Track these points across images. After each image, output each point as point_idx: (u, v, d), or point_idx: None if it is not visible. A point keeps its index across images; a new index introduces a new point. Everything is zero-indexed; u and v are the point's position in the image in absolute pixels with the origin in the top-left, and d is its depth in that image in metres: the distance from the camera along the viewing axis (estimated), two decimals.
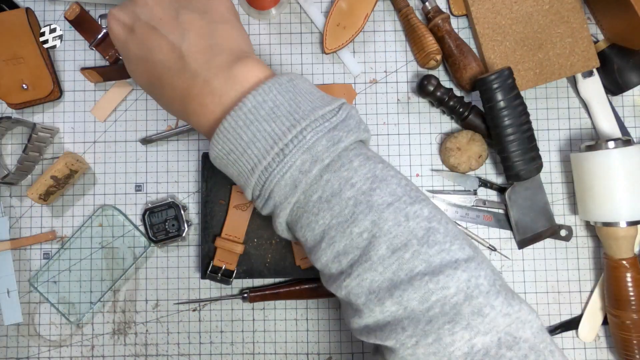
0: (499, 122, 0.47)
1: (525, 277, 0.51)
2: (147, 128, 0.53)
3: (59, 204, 0.53)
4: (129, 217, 0.52)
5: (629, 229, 0.47)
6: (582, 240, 0.52)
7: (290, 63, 0.53)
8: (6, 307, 0.52)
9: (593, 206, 0.47)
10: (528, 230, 0.51)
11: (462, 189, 0.52)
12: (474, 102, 0.52)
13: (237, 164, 0.32)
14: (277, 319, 0.51)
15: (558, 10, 0.50)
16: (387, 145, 0.53)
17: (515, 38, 0.51)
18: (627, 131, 0.52)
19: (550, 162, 0.52)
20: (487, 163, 0.52)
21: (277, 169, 0.30)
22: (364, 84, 0.53)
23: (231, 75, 0.32)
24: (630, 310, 0.47)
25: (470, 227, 0.52)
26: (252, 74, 0.32)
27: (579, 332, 0.50)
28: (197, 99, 0.32)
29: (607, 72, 0.51)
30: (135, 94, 0.54)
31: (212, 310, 0.52)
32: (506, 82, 0.47)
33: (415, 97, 0.53)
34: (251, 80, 0.32)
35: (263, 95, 0.31)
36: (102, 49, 0.53)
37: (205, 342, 0.52)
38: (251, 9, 0.53)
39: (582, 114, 0.53)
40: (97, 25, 0.53)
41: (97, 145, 0.53)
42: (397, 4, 0.52)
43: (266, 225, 0.50)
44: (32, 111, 0.54)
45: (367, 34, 0.53)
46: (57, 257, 0.52)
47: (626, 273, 0.47)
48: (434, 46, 0.50)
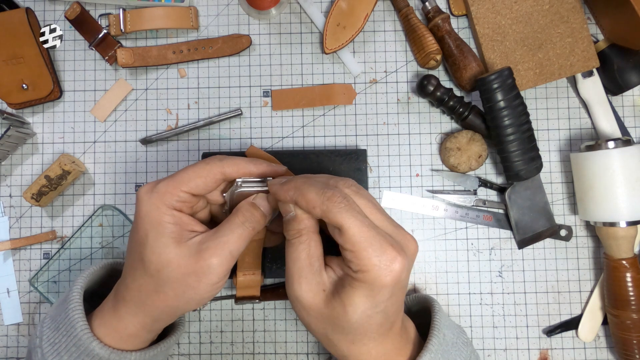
0: (499, 122, 0.47)
1: (525, 277, 0.51)
2: (147, 128, 0.53)
3: (58, 204, 0.53)
4: (129, 217, 0.52)
5: (629, 229, 0.47)
6: (582, 240, 0.52)
7: (290, 63, 0.53)
8: (6, 307, 0.52)
9: (593, 206, 0.47)
10: (528, 230, 0.51)
11: (462, 189, 0.52)
12: (474, 102, 0.52)
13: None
14: (277, 319, 0.51)
15: (558, 10, 0.50)
16: (387, 145, 0.53)
17: (515, 38, 0.51)
18: (627, 131, 0.52)
19: (550, 162, 0.52)
20: (487, 163, 0.52)
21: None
22: (364, 84, 0.53)
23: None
24: (630, 310, 0.47)
25: (470, 227, 0.52)
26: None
27: (579, 332, 0.50)
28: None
29: (607, 72, 0.51)
30: (135, 93, 0.54)
31: (212, 310, 0.52)
32: (506, 82, 0.47)
33: (415, 97, 0.53)
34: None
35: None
36: (102, 49, 0.53)
37: (205, 342, 0.52)
38: (251, 9, 0.53)
39: (582, 114, 0.53)
40: (97, 25, 0.53)
41: (97, 145, 0.53)
42: (397, 4, 0.52)
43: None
44: (32, 111, 0.54)
45: (367, 34, 0.53)
46: (57, 257, 0.52)
47: (626, 273, 0.47)
48: (434, 46, 0.50)
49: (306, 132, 0.53)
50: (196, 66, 0.54)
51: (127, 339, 0.38)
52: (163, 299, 0.36)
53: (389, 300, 0.33)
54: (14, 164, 0.53)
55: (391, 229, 0.34)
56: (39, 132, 0.53)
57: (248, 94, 0.53)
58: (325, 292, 0.34)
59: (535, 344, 0.51)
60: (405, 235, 0.35)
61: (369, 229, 0.32)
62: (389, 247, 0.32)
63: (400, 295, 0.34)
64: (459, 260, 0.52)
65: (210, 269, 0.34)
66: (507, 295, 0.51)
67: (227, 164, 0.38)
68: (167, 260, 0.34)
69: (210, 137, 0.53)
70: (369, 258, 0.31)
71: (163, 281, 0.35)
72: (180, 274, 0.34)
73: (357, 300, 0.32)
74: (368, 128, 0.53)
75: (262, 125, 0.53)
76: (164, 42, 0.54)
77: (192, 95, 0.53)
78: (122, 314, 0.37)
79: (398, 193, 0.52)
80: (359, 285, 0.32)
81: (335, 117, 0.53)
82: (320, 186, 0.34)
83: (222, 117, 0.52)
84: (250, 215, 0.37)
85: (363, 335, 0.34)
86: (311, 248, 0.35)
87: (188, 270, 0.34)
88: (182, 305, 0.36)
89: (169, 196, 0.36)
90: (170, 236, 0.35)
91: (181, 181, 0.36)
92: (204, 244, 0.35)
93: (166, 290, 0.35)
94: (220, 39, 0.53)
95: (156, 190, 0.36)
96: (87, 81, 0.54)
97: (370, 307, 0.32)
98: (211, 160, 0.38)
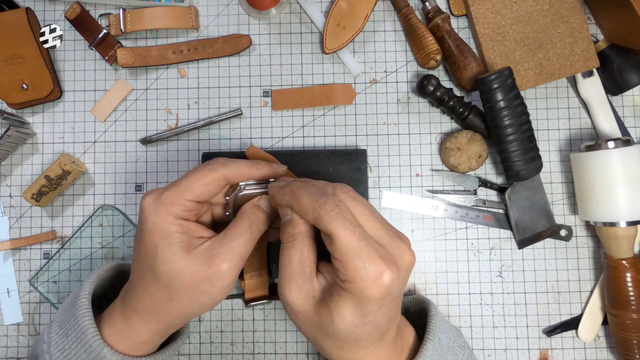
0: (499, 122, 0.47)
1: (525, 277, 0.51)
2: (147, 128, 0.53)
3: (58, 204, 0.53)
4: (129, 217, 0.52)
5: (629, 229, 0.47)
6: (582, 240, 0.52)
7: (290, 63, 0.53)
8: (6, 307, 0.52)
9: (593, 206, 0.47)
10: (528, 230, 0.51)
11: (462, 189, 0.52)
12: (474, 102, 0.52)
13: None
14: (277, 319, 0.51)
15: (558, 10, 0.50)
16: (387, 145, 0.53)
17: (515, 38, 0.51)
18: (627, 131, 0.52)
19: (550, 162, 0.52)
20: (487, 163, 0.52)
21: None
22: (364, 84, 0.53)
23: None
24: (630, 310, 0.47)
25: (470, 227, 0.52)
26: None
27: (579, 332, 0.50)
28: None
29: (607, 72, 0.51)
30: (135, 93, 0.54)
31: (212, 310, 0.52)
32: (506, 82, 0.47)
33: (415, 97, 0.53)
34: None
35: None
36: (102, 49, 0.53)
37: (205, 342, 0.52)
38: (251, 9, 0.53)
39: (582, 114, 0.53)
40: (97, 25, 0.53)
41: (97, 145, 0.53)
42: (397, 4, 0.52)
43: None
44: (32, 111, 0.54)
45: (367, 34, 0.53)
46: (57, 257, 0.52)
47: (626, 273, 0.47)
48: (434, 46, 0.50)
49: (306, 132, 0.53)
50: (196, 66, 0.54)
51: (140, 345, 0.38)
52: (177, 306, 0.36)
53: (379, 312, 0.32)
54: (14, 164, 0.53)
55: (386, 239, 0.33)
56: (39, 132, 0.53)
57: (248, 94, 0.53)
58: (315, 299, 0.34)
59: (535, 344, 0.51)
60: (400, 247, 0.33)
61: (359, 239, 0.31)
62: (378, 259, 0.31)
63: (391, 306, 0.33)
64: (459, 260, 0.52)
65: (223, 274, 0.35)
66: (507, 295, 0.51)
67: (230, 168, 0.38)
68: (179, 270, 0.34)
69: (210, 137, 0.53)
70: (356, 269, 0.31)
71: (176, 290, 0.35)
72: (193, 282, 0.35)
73: (344, 309, 0.32)
74: (368, 128, 0.53)
75: (262, 125, 0.53)
76: (164, 42, 0.54)
77: (192, 95, 0.53)
78: (134, 322, 0.37)
79: (398, 193, 0.52)
80: (346, 295, 0.32)
81: (335, 117, 0.53)
82: (315, 192, 0.33)
83: (222, 117, 0.52)
84: (255, 218, 0.37)
85: (352, 344, 0.34)
86: (304, 253, 0.34)
87: (201, 277, 0.35)
88: (195, 311, 0.37)
89: (175, 207, 0.36)
90: (179, 245, 0.35)
91: (185, 190, 0.36)
92: (213, 250, 0.35)
93: (180, 298, 0.35)
94: (220, 39, 0.53)
95: (161, 201, 0.36)
96: (87, 81, 0.54)
97: (358, 318, 0.32)
98: (214, 165, 0.37)
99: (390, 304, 0.33)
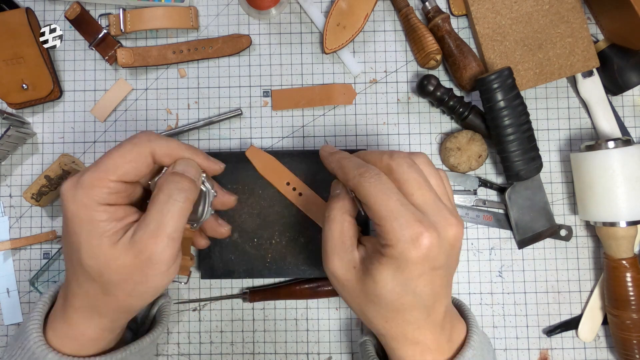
0: (499, 122, 0.47)
1: (525, 277, 0.51)
2: (147, 128, 0.53)
3: (58, 204, 0.53)
4: None
5: (629, 229, 0.47)
6: (582, 240, 0.52)
7: (290, 63, 0.53)
8: (6, 307, 0.52)
9: (593, 206, 0.47)
10: (528, 230, 0.51)
11: (462, 189, 0.52)
12: (474, 102, 0.52)
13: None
14: (277, 319, 0.51)
15: (558, 10, 0.50)
16: (387, 145, 0.53)
17: (515, 38, 0.51)
18: (627, 131, 0.52)
19: (550, 162, 0.52)
20: (487, 163, 0.52)
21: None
22: (364, 84, 0.53)
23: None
24: (630, 310, 0.47)
25: (470, 227, 0.52)
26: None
27: (579, 332, 0.50)
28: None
29: (607, 72, 0.51)
30: (135, 93, 0.54)
31: (212, 310, 0.52)
32: (506, 82, 0.47)
33: (415, 97, 0.53)
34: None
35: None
36: (102, 49, 0.53)
37: (205, 342, 0.52)
38: (251, 9, 0.53)
39: (582, 114, 0.53)
40: (97, 25, 0.53)
41: (97, 145, 0.53)
42: (397, 4, 0.52)
43: (266, 224, 0.50)
44: (32, 111, 0.54)
45: (367, 34, 0.53)
46: (57, 257, 0.52)
47: (626, 273, 0.47)
48: (434, 46, 0.50)
49: (306, 132, 0.53)
50: (196, 66, 0.54)
51: (89, 343, 0.35)
52: (114, 300, 0.33)
53: (419, 280, 0.32)
54: (14, 164, 0.53)
55: (432, 209, 0.33)
56: (39, 132, 0.53)
57: (248, 94, 0.53)
58: (356, 269, 0.34)
59: (535, 344, 0.51)
60: (445, 217, 0.32)
61: (397, 203, 0.31)
62: (416, 222, 0.31)
63: (434, 277, 0.32)
64: (459, 260, 0.52)
65: (152, 260, 0.32)
66: (507, 295, 0.51)
67: (158, 144, 0.34)
68: (106, 263, 0.32)
69: (210, 137, 0.53)
70: (394, 232, 0.31)
71: (108, 284, 0.32)
72: (123, 275, 0.32)
73: (385, 274, 0.32)
74: (368, 128, 0.53)
75: (262, 125, 0.53)
76: (164, 42, 0.54)
77: (192, 95, 0.53)
78: (74, 321, 0.35)
79: None
80: (386, 261, 0.32)
81: (335, 117, 0.53)
82: (359, 163, 0.35)
83: (222, 117, 0.52)
84: (174, 187, 0.33)
85: (396, 313, 0.33)
86: (344, 227, 0.35)
87: (130, 269, 0.32)
88: (136, 302, 0.34)
89: (97, 190, 0.32)
90: (103, 236, 0.32)
91: (107, 169, 0.32)
92: (136, 236, 0.32)
93: (114, 292, 0.33)
94: (220, 39, 0.53)
95: (81, 185, 0.32)
96: (87, 81, 0.54)
97: (399, 284, 0.32)
98: (139, 139, 0.34)
99: (432, 273, 0.32)
